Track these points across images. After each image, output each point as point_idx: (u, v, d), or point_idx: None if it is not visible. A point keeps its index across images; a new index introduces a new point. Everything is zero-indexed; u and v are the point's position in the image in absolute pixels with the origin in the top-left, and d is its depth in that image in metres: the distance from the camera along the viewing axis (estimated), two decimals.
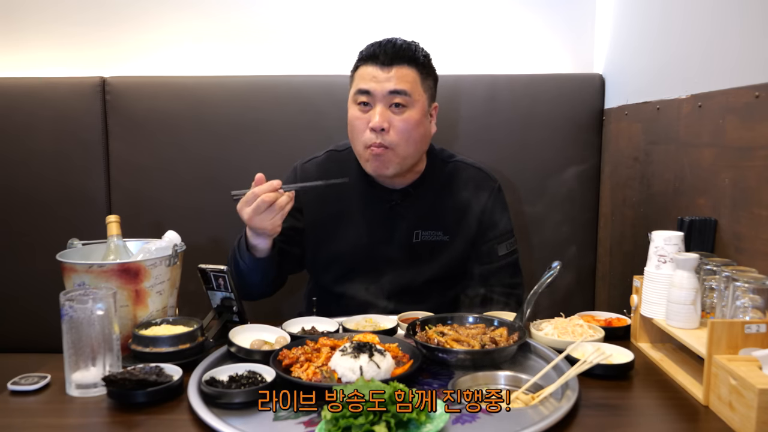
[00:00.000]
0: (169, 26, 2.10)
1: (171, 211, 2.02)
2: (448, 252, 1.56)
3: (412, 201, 1.55)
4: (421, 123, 1.46)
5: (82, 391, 1.09)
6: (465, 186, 1.58)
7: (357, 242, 1.56)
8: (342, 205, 1.57)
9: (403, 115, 1.44)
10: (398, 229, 1.55)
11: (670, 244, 1.21)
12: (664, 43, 1.64)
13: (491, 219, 1.58)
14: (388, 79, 1.42)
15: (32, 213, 2.03)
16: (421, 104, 1.46)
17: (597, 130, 2.02)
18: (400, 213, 1.55)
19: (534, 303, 1.34)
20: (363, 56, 1.47)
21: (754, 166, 1.21)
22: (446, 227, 1.56)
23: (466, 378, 1.12)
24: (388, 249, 1.55)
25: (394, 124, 1.43)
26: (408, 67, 1.44)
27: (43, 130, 2.01)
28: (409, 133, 1.44)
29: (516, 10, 2.09)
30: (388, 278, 1.55)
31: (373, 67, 1.44)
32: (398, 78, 1.42)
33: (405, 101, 1.43)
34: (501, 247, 1.58)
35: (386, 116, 1.43)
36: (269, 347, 1.22)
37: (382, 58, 1.42)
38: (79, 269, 1.25)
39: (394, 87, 1.41)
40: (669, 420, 1.03)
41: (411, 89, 1.43)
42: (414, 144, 1.47)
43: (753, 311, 1.05)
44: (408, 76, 1.43)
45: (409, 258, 1.55)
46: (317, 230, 1.60)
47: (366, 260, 1.56)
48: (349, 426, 0.86)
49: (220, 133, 2.02)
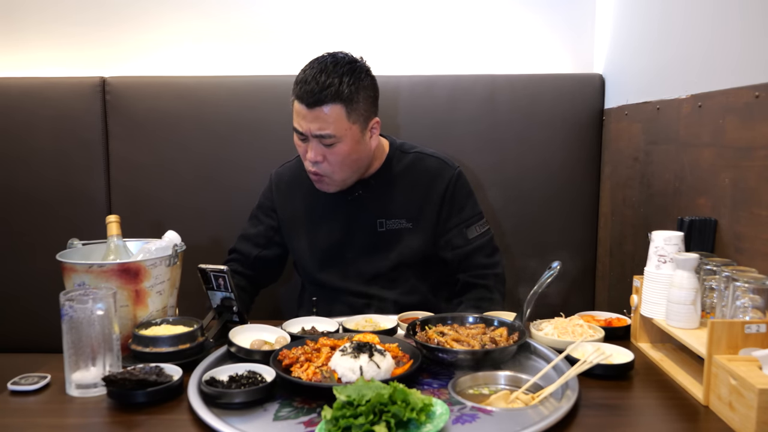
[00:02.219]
0: (169, 26, 2.10)
1: (171, 211, 2.03)
2: (412, 238, 1.62)
3: (373, 191, 1.63)
4: (354, 150, 1.51)
5: (82, 391, 1.09)
6: (424, 175, 1.64)
7: (328, 233, 1.64)
8: (311, 199, 1.65)
9: (334, 149, 1.48)
10: (363, 219, 1.63)
11: (670, 244, 1.21)
12: (664, 43, 1.64)
13: (453, 205, 1.63)
14: (313, 120, 1.45)
15: (32, 213, 2.03)
16: (350, 136, 1.48)
17: (597, 130, 2.02)
18: (364, 204, 1.63)
19: (534, 303, 1.34)
20: (295, 91, 1.48)
21: (754, 166, 1.21)
22: (408, 215, 1.62)
23: (466, 378, 1.12)
24: (356, 238, 1.63)
25: (327, 157, 1.49)
26: (331, 105, 1.44)
27: (44, 130, 2.01)
28: (341, 163, 1.50)
29: (516, 10, 2.09)
30: (359, 266, 1.62)
31: (300, 106, 1.47)
32: (321, 121, 1.45)
33: (332, 141, 1.47)
34: (470, 230, 1.63)
35: (319, 150, 1.48)
36: (269, 347, 1.22)
37: (306, 99, 1.45)
38: (79, 269, 1.25)
39: (317, 131, 1.46)
40: (669, 420, 1.03)
41: (335, 130, 1.46)
42: (350, 167, 1.53)
43: (753, 311, 1.05)
44: (330, 117, 1.45)
45: (377, 246, 1.62)
46: (292, 225, 1.69)
47: (338, 250, 1.64)
48: (349, 426, 0.86)
49: (220, 133, 2.02)
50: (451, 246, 1.63)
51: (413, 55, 2.10)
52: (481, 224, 1.65)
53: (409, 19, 2.09)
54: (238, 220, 1.98)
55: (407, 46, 2.10)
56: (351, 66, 1.48)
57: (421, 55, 2.10)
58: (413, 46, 2.10)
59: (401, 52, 2.10)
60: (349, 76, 1.46)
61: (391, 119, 1.95)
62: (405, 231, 1.62)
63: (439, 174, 1.63)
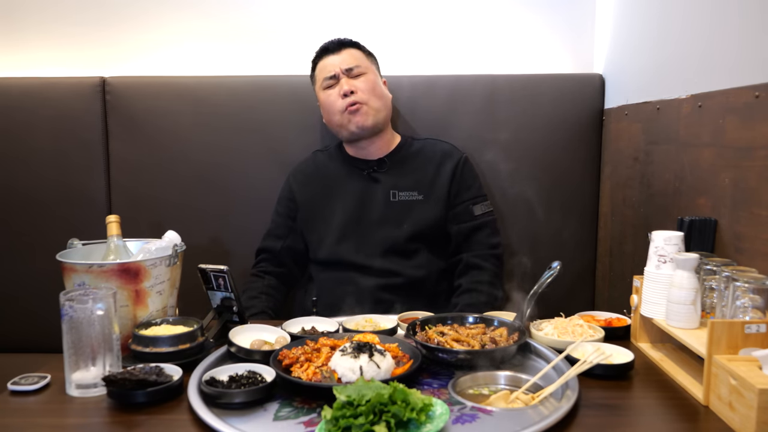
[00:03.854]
0: (169, 26, 2.10)
1: (171, 211, 2.02)
2: (423, 209, 1.75)
3: (387, 168, 1.79)
4: (378, 84, 1.77)
5: (82, 391, 1.10)
6: (435, 154, 1.81)
7: (344, 208, 1.76)
8: (328, 181, 1.81)
9: (362, 78, 1.74)
10: (377, 191, 1.77)
11: (670, 244, 1.21)
12: (664, 43, 1.64)
13: (462, 182, 1.78)
14: (342, 61, 1.75)
15: (32, 213, 2.03)
16: (372, 71, 1.78)
17: (597, 130, 2.02)
18: (377, 178, 1.78)
19: (534, 303, 1.34)
20: (317, 54, 1.81)
21: (754, 166, 1.21)
22: (420, 188, 1.76)
23: (466, 378, 1.12)
24: (370, 209, 1.75)
25: (358, 86, 1.73)
26: (351, 49, 1.78)
27: (43, 130, 2.01)
28: (372, 88, 1.74)
29: (516, 10, 2.09)
30: (375, 238, 1.74)
31: (326, 58, 1.77)
32: (349, 56, 1.76)
33: (359, 71, 1.74)
34: (476, 208, 1.78)
35: (351, 83, 1.73)
36: (269, 347, 1.22)
37: (332, 48, 1.77)
38: (79, 269, 1.25)
39: (348, 65, 1.74)
40: (669, 420, 1.03)
41: (360, 62, 1.76)
42: (379, 98, 1.75)
43: (753, 311, 1.05)
44: (354, 54, 1.78)
45: (389, 216, 1.74)
46: (310, 206, 1.81)
47: (353, 223, 1.75)
48: (349, 426, 0.86)
49: (220, 133, 2.02)
50: (456, 220, 1.76)
51: (413, 55, 2.10)
52: (485, 204, 1.80)
53: (409, 19, 2.09)
54: (238, 220, 1.99)
55: (407, 46, 2.10)
56: None
57: (421, 55, 2.10)
58: (413, 46, 2.10)
59: (401, 52, 2.10)
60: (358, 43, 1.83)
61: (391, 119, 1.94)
62: (416, 202, 1.75)
63: (450, 154, 1.81)
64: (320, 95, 1.79)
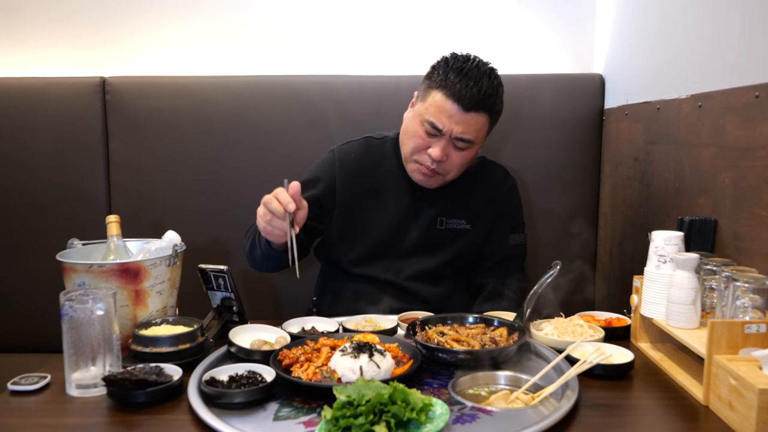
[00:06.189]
0: (169, 26, 2.10)
1: (171, 211, 2.02)
2: (468, 239, 1.64)
3: (441, 191, 1.61)
4: (475, 156, 1.56)
5: (82, 391, 1.09)
6: (489, 180, 1.67)
7: (386, 223, 1.62)
8: (376, 184, 1.63)
9: (463, 152, 1.50)
10: (425, 216, 1.62)
11: (670, 244, 1.21)
12: (664, 43, 1.64)
13: (507, 211, 1.68)
14: (459, 123, 1.44)
15: (32, 213, 2.03)
16: (480, 142, 1.52)
17: (597, 130, 2.02)
18: (429, 201, 1.62)
19: (534, 303, 1.34)
20: (447, 87, 1.44)
21: (754, 166, 1.21)
22: (469, 216, 1.64)
23: (466, 378, 1.12)
24: (414, 233, 1.62)
25: (452, 158, 1.50)
26: (482, 114, 1.47)
27: (43, 130, 2.01)
28: (461, 165, 1.53)
29: (516, 10, 2.09)
30: (409, 261, 1.62)
31: (452, 105, 1.43)
32: (471, 125, 1.46)
33: (467, 145, 1.49)
34: (512, 238, 1.68)
35: (447, 151, 1.48)
36: (269, 347, 1.22)
37: (464, 102, 1.43)
38: (79, 269, 1.25)
39: (462, 135, 1.46)
40: (669, 420, 1.03)
41: (475, 137, 1.48)
42: (463, 170, 1.56)
43: (753, 311, 1.05)
44: (479, 124, 1.47)
45: (432, 243, 1.63)
46: (349, 206, 1.63)
47: (391, 241, 1.62)
48: (349, 426, 0.86)
49: (221, 133, 2.02)
50: (490, 247, 1.67)
51: (413, 55, 2.10)
52: (521, 236, 1.70)
53: (409, 19, 2.09)
54: (238, 220, 1.98)
55: (407, 46, 2.10)
56: (499, 80, 1.51)
57: (422, 55, 2.09)
58: (413, 46, 2.10)
59: (401, 52, 2.10)
60: (501, 89, 1.51)
61: (391, 119, 1.94)
62: (463, 232, 1.63)
63: (502, 182, 1.69)
64: (413, 118, 1.52)
